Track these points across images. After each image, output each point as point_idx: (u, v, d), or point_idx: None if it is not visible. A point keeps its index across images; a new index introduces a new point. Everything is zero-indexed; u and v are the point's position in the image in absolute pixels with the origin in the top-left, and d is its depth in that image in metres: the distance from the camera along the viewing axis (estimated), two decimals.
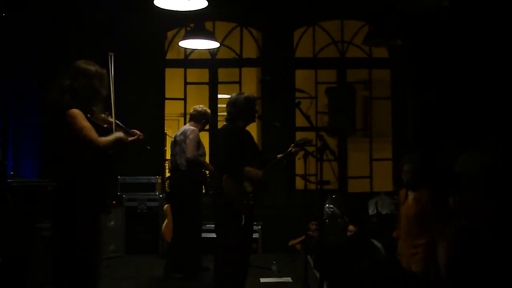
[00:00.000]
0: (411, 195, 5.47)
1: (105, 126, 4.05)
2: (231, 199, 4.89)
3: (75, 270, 3.84)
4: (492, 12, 7.84)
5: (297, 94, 5.56)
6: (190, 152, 6.61)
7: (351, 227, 7.49)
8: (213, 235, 5.37)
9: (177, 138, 6.88)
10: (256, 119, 5.43)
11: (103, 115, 4.11)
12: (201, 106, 7.09)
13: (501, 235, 2.68)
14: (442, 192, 5.07)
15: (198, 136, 6.79)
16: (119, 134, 3.99)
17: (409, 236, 5.39)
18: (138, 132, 4.42)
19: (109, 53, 4.15)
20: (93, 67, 3.98)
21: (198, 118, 6.93)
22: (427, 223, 5.18)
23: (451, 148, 6.23)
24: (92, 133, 3.72)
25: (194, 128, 6.82)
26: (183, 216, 6.78)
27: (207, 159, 7.13)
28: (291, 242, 8.11)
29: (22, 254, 5.52)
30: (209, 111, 7.09)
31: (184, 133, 6.82)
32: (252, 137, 5.35)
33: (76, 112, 3.73)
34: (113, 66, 4.17)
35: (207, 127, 8.49)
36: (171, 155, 7.00)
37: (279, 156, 5.40)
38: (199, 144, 6.77)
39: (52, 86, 3.90)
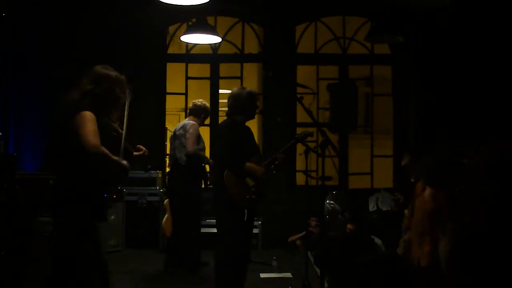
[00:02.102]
0: (429, 190, 5.31)
1: (114, 134, 4.02)
2: (233, 195, 4.87)
3: (74, 266, 3.83)
4: (493, 10, 7.83)
5: (299, 90, 5.56)
6: (190, 146, 6.61)
7: (349, 226, 7.48)
8: (213, 230, 5.36)
9: (177, 133, 6.86)
10: (256, 115, 5.40)
11: (114, 124, 4.08)
12: (200, 100, 7.07)
13: (503, 232, 2.67)
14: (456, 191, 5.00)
15: (198, 130, 6.78)
16: (126, 162, 3.92)
17: (419, 229, 5.30)
18: (143, 148, 4.41)
19: (129, 86, 4.11)
20: (113, 73, 3.95)
21: (197, 113, 6.91)
22: (440, 221, 5.10)
23: (451, 146, 6.21)
24: (95, 138, 3.64)
25: (194, 122, 6.81)
26: (183, 211, 6.78)
27: (207, 154, 7.12)
28: (291, 238, 8.11)
29: (24, 247, 5.52)
30: (208, 105, 7.07)
31: (183, 127, 6.81)
32: (251, 133, 5.32)
33: (88, 114, 3.70)
34: (130, 97, 4.10)
35: (207, 121, 8.51)
36: (171, 149, 6.99)
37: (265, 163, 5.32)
38: (199, 138, 6.76)
39: (72, 88, 3.87)
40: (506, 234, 2.53)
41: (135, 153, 4.29)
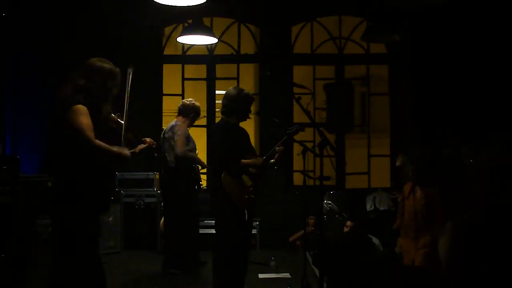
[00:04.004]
0: (419, 190, 5.37)
1: (114, 126, 4.01)
2: (231, 195, 4.86)
3: (73, 267, 3.82)
4: (489, 8, 7.84)
5: (296, 90, 5.54)
6: (178, 148, 6.55)
7: (348, 223, 7.50)
8: (212, 230, 5.35)
9: (166, 135, 6.76)
10: (253, 115, 5.39)
11: (113, 115, 4.06)
12: (189, 99, 6.97)
13: (502, 230, 2.67)
14: (449, 188, 5.03)
15: (187, 131, 6.70)
16: (125, 151, 3.91)
17: (414, 230, 5.32)
18: (148, 140, 4.39)
19: (129, 69, 4.11)
20: (107, 65, 3.94)
21: (186, 112, 6.80)
22: (434, 219, 5.14)
23: (449, 144, 6.22)
24: (88, 132, 3.64)
25: (181, 123, 6.73)
26: (176, 213, 6.74)
27: (202, 156, 7.06)
28: (292, 237, 8.10)
29: (24, 249, 5.51)
30: (198, 104, 6.93)
31: (171, 129, 6.73)
32: (247, 134, 5.30)
33: (80, 107, 3.69)
34: (131, 81, 4.11)
35: (203, 122, 8.50)
36: (161, 152, 6.93)
37: (264, 156, 5.31)
38: (188, 139, 6.68)
39: (65, 83, 3.86)
40: (506, 231, 2.54)
41: (141, 146, 4.28)
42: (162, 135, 6.90)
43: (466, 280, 2.54)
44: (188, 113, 6.80)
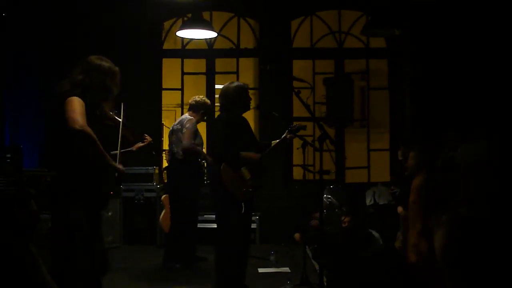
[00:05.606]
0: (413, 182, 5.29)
1: (111, 124, 4.00)
2: (230, 188, 4.86)
3: (73, 263, 3.82)
4: (489, 2, 7.83)
5: (296, 84, 5.54)
6: (186, 140, 6.61)
7: (346, 219, 7.50)
8: (212, 225, 5.36)
9: (174, 127, 6.89)
10: (252, 108, 5.37)
11: (111, 113, 4.06)
12: (200, 96, 7.07)
13: (498, 225, 2.68)
14: (436, 181, 4.99)
15: (195, 125, 6.79)
16: (117, 165, 3.86)
17: (410, 224, 5.27)
18: (148, 138, 4.37)
19: (122, 103, 4.10)
20: (106, 64, 3.93)
21: (196, 108, 6.91)
22: (418, 211, 5.06)
23: (449, 139, 6.21)
24: (79, 116, 3.60)
25: (191, 117, 6.82)
26: (181, 206, 6.78)
27: (204, 150, 7.11)
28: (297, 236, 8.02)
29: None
30: (208, 101, 7.06)
31: (181, 122, 6.84)
32: (249, 124, 5.30)
33: (75, 98, 3.68)
34: (123, 115, 4.08)
35: None
36: (169, 144, 7.01)
37: (273, 142, 5.31)
38: (196, 133, 6.77)
39: (64, 79, 3.85)
40: (502, 227, 2.53)
41: (140, 144, 4.27)
42: (171, 128, 7.02)
43: (462, 273, 2.54)
44: (199, 109, 6.91)
